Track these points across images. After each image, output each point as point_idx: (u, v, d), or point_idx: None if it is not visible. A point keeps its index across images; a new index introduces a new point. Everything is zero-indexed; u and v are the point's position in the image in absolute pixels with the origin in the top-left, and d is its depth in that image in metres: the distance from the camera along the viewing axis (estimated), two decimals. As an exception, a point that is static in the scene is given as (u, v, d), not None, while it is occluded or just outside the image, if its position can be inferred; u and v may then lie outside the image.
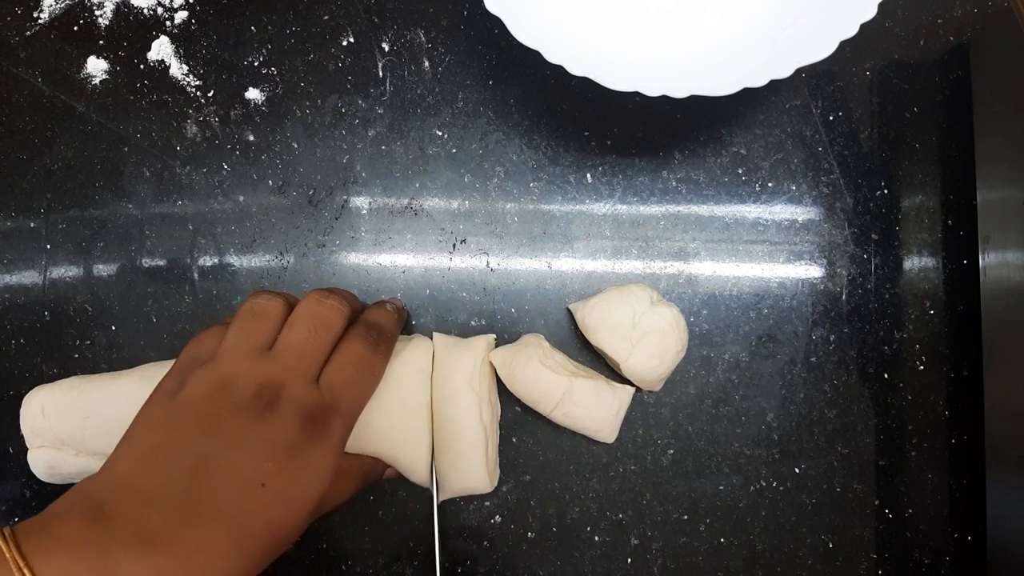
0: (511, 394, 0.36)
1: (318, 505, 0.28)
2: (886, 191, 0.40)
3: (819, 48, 0.32)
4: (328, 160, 0.40)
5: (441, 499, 0.35)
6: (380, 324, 0.33)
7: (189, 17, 0.41)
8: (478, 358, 0.35)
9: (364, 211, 0.40)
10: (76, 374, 0.37)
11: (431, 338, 0.36)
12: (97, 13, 0.41)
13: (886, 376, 0.38)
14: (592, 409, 0.34)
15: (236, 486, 0.26)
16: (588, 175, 0.40)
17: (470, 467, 0.34)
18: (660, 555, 0.37)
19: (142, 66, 0.41)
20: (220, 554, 0.25)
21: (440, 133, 0.40)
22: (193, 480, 0.26)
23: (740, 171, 0.40)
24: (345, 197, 0.40)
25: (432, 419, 0.34)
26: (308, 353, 0.30)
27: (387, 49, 0.41)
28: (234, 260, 0.39)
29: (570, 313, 0.38)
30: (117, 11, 0.41)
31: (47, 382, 0.36)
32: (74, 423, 0.34)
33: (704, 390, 0.38)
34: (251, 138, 0.40)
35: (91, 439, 0.34)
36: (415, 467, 0.34)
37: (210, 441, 0.27)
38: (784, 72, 0.31)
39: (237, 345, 0.30)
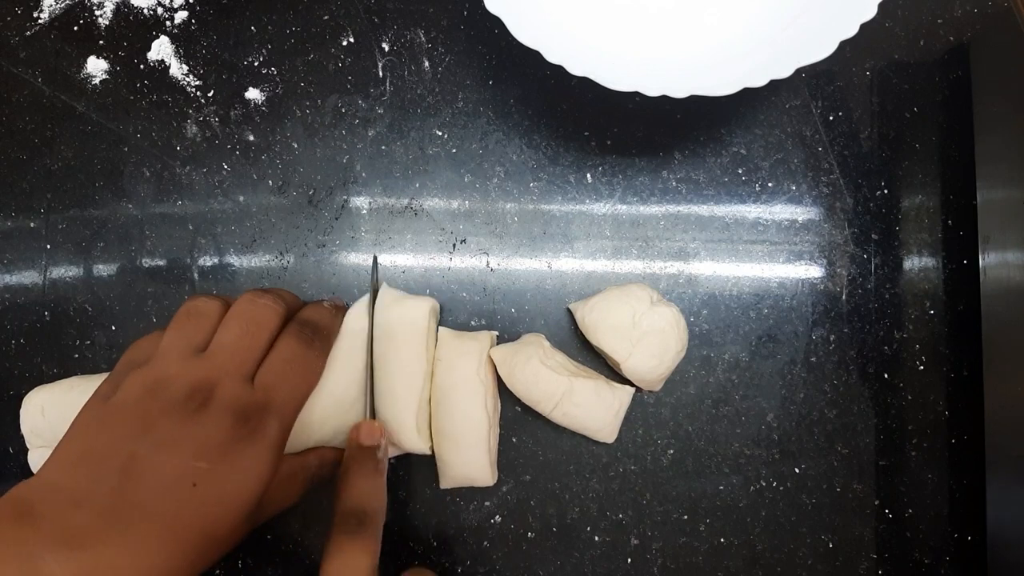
0: (511, 394, 0.36)
1: (256, 506, 0.28)
2: (886, 191, 0.40)
3: (819, 48, 0.32)
4: (328, 160, 0.40)
5: (443, 487, 0.36)
6: (316, 321, 0.33)
7: (189, 17, 0.41)
8: (485, 348, 0.35)
9: (364, 211, 0.40)
10: (76, 374, 0.37)
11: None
12: (97, 13, 0.41)
13: (886, 376, 0.38)
14: (592, 409, 0.35)
15: (166, 486, 0.26)
16: (588, 175, 0.40)
17: (473, 456, 0.34)
18: (660, 555, 0.37)
19: (142, 66, 0.41)
20: (148, 554, 0.25)
21: (440, 133, 0.40)
22: (121, 480, 0.26)
23: (740, 171, 0.40)
24: (345, 197, 0.40)
25: (430, 384, 0.35)
26: (241, 352, 0.30)
27: (387, 49, 0.41)
28: (234, 260, 0.39)
29: (570, 313, 0.38)
30: (117, 11, 0.41)
31: (47, 382, 0.36)
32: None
33: (704, 390, 0.38)
34: (251, 138, 0.40)
35: None
36: (403, 427, 0.34)
37: (140, 441, 0.27)
38: (784, 72, 0.31)
39: (172, 347, 0.30)
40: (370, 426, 0.33)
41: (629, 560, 0.37)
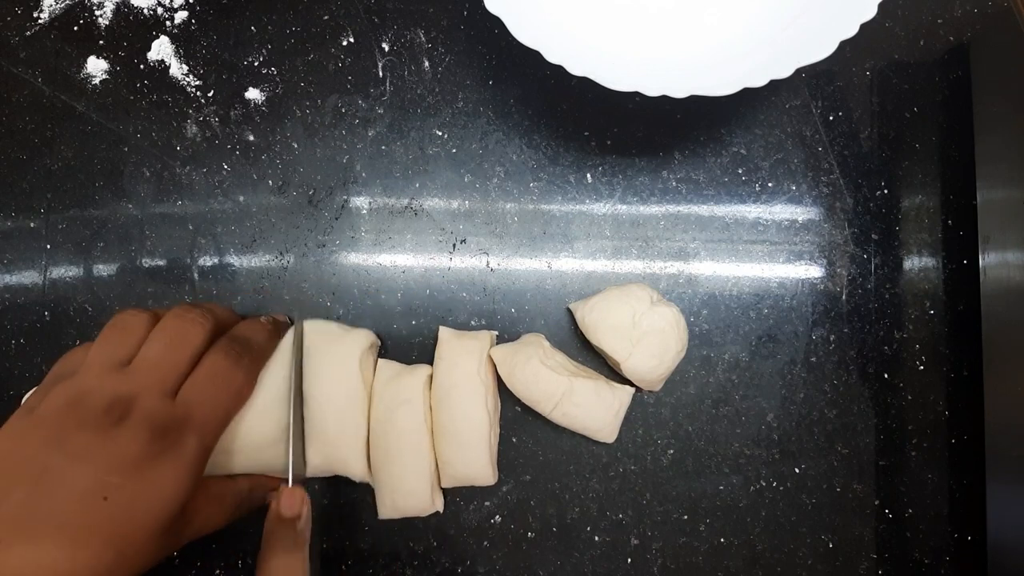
0: (511, 394, 0.36)
1: (171, 523, 0.28)
2: (886, 191, 0.40)
3: (819, 48, 0.32)
4: (328, 160, 0.40)
5: (444, 486, 0.36)
6: (247, 338, 0.33)
7: (189, 17, 0.41)
8: (486, 348, 0.36)
9: (364, 211, 0.40)
10: (76, 374, 0.37)
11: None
12: (97, 13, 0.41)
13: (886, 376, 0.38)
14: (592, 409, 0.34)
15: (76, 499, 0.26)
16: (588, 175, 0.40)
17: (474, 456, 0.34)
18: (660, 555, 0.37)
19: (142, 66, 0.41)
20: (53, 564, 0.25)
21: (440, 133, 0.40)
22: (31, 492, 0.26)
23: (740, 171, 0.40)
24: (345, 197, 0.40)
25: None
26: (163, 367, 0.30)
27: (387, 49, 0.41)
28: (234, 260, 0.39)
29: (570, 313, 0.38)
30: (117, 11, 0.41)
31: (47, 382, 0.36)
32: None
33: (704, 390, 0.38)
34: (251, 138, 0.40)
35: None
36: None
37: (53, 454, 0.27)
38: (784, 72, 0.31)
39: (96, 360, 0.30)
40: (290, 495, 0.32)
41: (629, 560, 0.37)
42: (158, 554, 0.28)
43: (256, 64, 0.41)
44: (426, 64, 0.41)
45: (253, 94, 0.40)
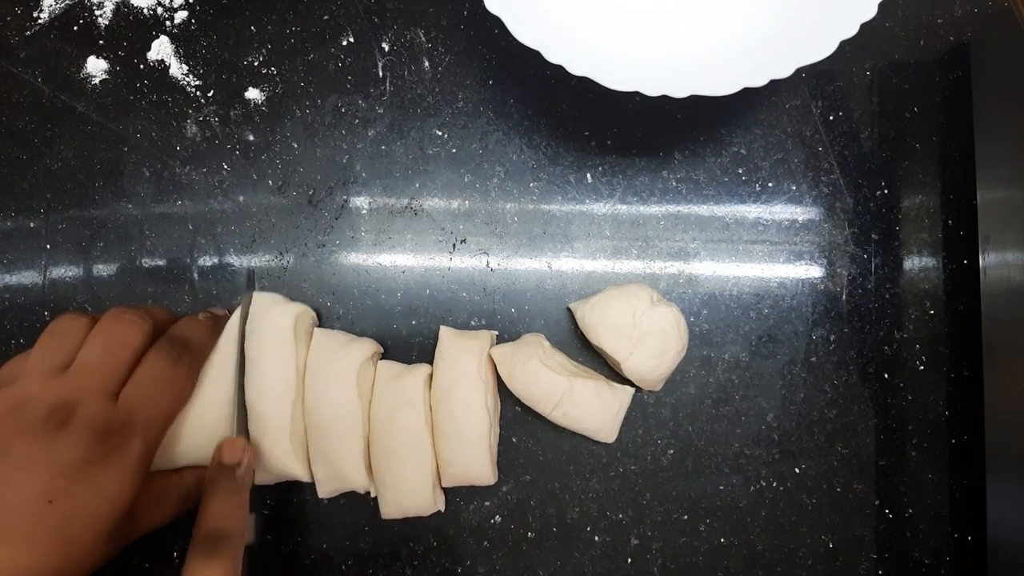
0: (511, 394, 0.36)
1: (119, 524, 0.28)
2: (886, 191, 0.40)
3: (819, 48, 0.32)
4: (328, 160, 0.40)
5: (444, 485, 0.36)
6: (186, 337, 0.33)
7: (189, 17, 0.41)
8: (486, 347, 0.36)
9: (364, 211, 0.40)
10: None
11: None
12: (97, 13, 0.41)
13: (886, 376, 0.38)
14: (592, 409, 0.35)
15: (22, 504, 0.26)
16: (588, 175, 0.40)
17: (474, 455, 0.34)
18: (660, 555, 0.37)
19: (142, 66, 0.41)
20: (3, 570, 0.25)
21: (440, 133, 0.40)
22: None
23: (740, 171, 0.40)
24: (345, 197, 0.40)
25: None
26: (102, 370, 0.30)
27: (387, 49, 0.41)
28: (234, 260, 0.39)
29: (570, 313, 0.38)
30: (117, 11, 0.41)
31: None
32: None
33: (704, 390, 0.38)
34: (251, 138, 0.40)
35: None
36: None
37: None
38: (784, 72, 0.31)
39: (36, 367, 0.30)
40: (232, 443, 0.33)
41: (629, 560, 0.37)
42: (107, 554, 0.28)
43: (256, 64, 0.41)
44: (426, 64, 0.41)
45: (253, 94, 0.40)
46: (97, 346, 0.30)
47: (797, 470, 0.38)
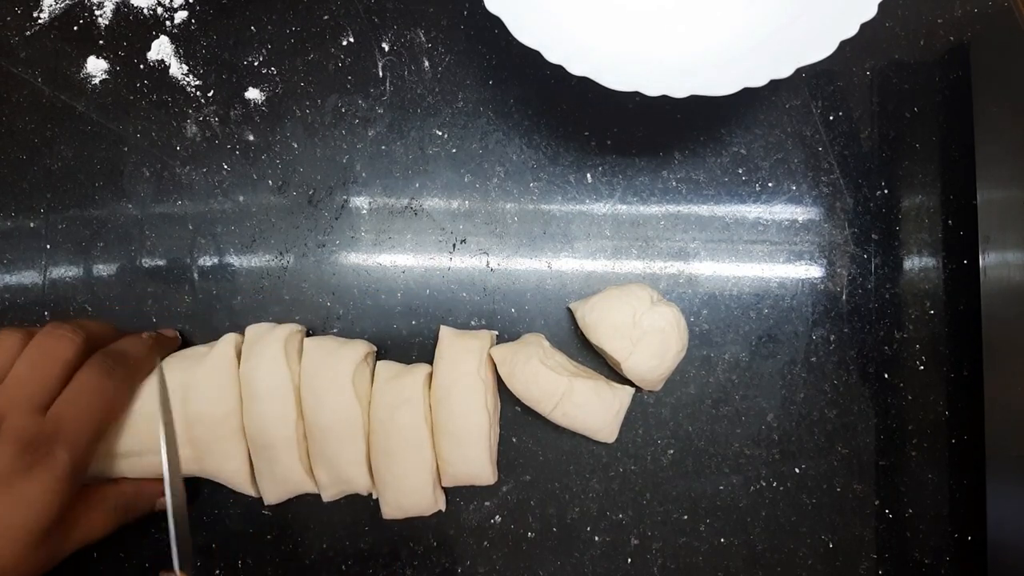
0: (511, 394, 0.36)
1: (46, 536, 0.29)
2: (886, 191, 0.40)
3: (819, 48, 0.32)
4: (328, 160, 0.40)
5: (444, 485, 0.36)
6: (122, 352, 0.33)
7: (189, 17, 0.41)
8: (486, 347, 0.36)
9: (364, 211, 0.40)
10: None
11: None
12: (97, 13, 0.41)
13: (886, 376, 0.38)
14: (592, 409, 0.34)
15: None
16: (588, 175, 0.40)
17: (474, 454, 0.34)
18: (660, 555, 0.37)
19: (142, 66, 0.41)
20: None
21: (440, 133, 0.40)
22: None
23: (740, 171, 0.40)
24: (345, 197, 0.40)
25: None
26: (31, 383, 0.30)
27: (387, 49, 0.41)
28: (234, 260, 0.39)
29: (570, 313, 0.38)
30: (117, 11, 0.41)
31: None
32: None
33: (704, 390, 0.38)
34: (251, 138, 0.40)
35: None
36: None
37: None
38: (784, 72, 0.31)
39: None
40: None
41: (629, 560, 0.37)
42: (38, 565, 0.29)
43: (256, 64, 0.41)
44: (426, 64, 0.41)
45: (253, 94, 0.41)
46: (28, 360, 0.31)
47: (797, 470, 0.38)
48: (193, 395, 0.34)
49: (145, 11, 0.41)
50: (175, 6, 0.41)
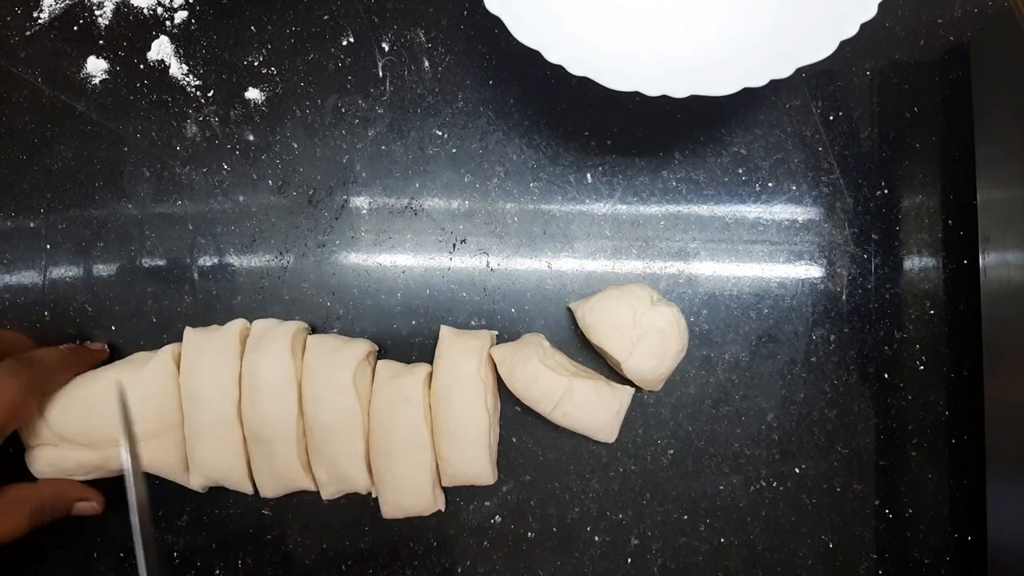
0: (511, 394, 0.36)
1: None
2: (886, 191, 0.40)
3: (819, 48, 0.32)
4: (328, 160, 0.40)
5: (444, 485, 0.36)
6: (34, 358, 0.34)
7: (189, 17, 0.41)
8: (486, 347, 0.36)
9: (364, 211, 0.40)
10: (76, 374, 0.37)
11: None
12: (97, 13, 0.41)
13: (886, 376, 0.38)
14: (592, 409, 0.34)
15: None
16: (588, 175, 0.40)
17: (474, 454, 0.34)
18: (660, 555, 0.37)
19: (142, 66, 0.41)
20: None
21: (440, 133, 0.40)
22: None
23: (740, 171, 0.40)
24: (345, 197, 0.40)
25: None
26: None
27: (387, 49, 0.41)
28: (234, 260, 0.39)
29: (570, 313, 0.38)
30: (117, 11, 0.41)
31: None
32: (75, 420, 0.34)
33: (704, 390, 0.38)
34: (251, 138, 0.40)
35: (95, 431, 0.34)
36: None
37: None
38: (784, 72, 0.31)
39: None
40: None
41: (629, 560, 0.37)
42: None
43: (256, 64, 0.41)
44: (426, 64, 0.41)
45: (253, 94, 0.40)
46: None
47: (797, 470, 0.38)
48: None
49: (145, 11, 0.41)
50: (175, 6, 0.41)
